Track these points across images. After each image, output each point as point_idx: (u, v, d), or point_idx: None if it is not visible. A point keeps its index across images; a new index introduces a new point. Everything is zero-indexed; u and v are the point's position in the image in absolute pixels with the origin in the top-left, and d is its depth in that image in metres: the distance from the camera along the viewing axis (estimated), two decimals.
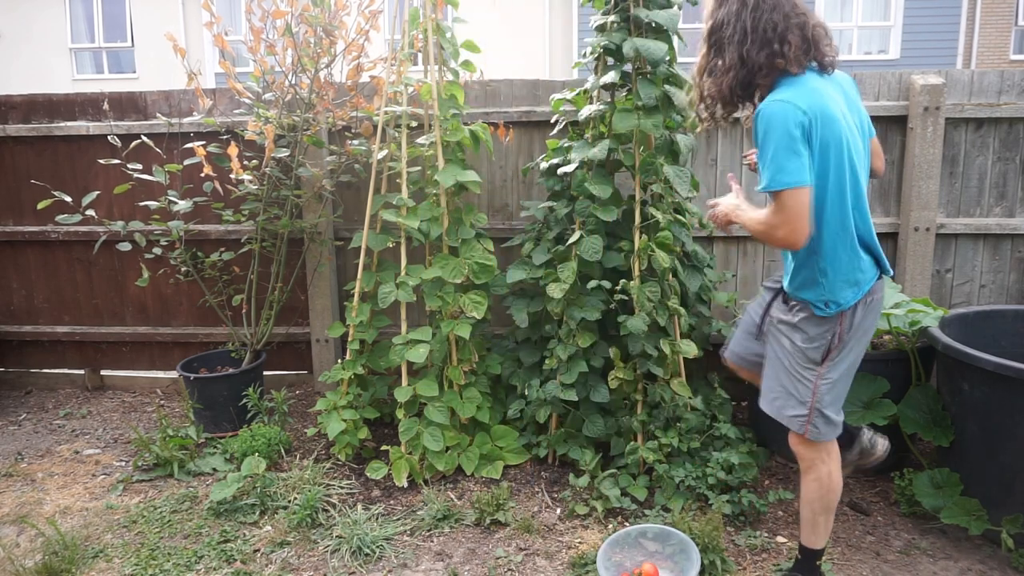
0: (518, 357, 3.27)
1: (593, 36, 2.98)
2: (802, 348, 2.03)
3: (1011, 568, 2.38)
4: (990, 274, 3.57)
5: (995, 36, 12.61)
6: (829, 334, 2.00)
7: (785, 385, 2.08)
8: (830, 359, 2.02)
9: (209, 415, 3.46)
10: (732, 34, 1.88)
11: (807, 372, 2.03)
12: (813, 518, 2.14)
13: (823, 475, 2.10)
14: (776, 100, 1.81)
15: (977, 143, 3.47)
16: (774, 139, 1.79)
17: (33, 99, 3.93)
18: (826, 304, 1.98)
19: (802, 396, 2.04)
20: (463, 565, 2.45)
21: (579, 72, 11.44)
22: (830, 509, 2.13)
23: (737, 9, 1.88)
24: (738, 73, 1.89)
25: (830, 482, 2.10)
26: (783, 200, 1.81)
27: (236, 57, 3.43)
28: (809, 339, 2.01)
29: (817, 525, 2.15)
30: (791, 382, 2.06)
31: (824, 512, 2.13)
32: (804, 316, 2.02)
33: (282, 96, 3.35)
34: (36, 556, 2.49)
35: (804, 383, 2.04)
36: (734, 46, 1.88)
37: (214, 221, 3.81)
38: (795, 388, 2.05)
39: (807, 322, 2.02)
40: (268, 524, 2.71)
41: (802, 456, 2.13)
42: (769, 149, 1.80)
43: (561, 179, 3.10)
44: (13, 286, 4.17)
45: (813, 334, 2.01)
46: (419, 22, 3.09)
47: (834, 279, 1.95)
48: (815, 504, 2.12)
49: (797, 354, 2.04)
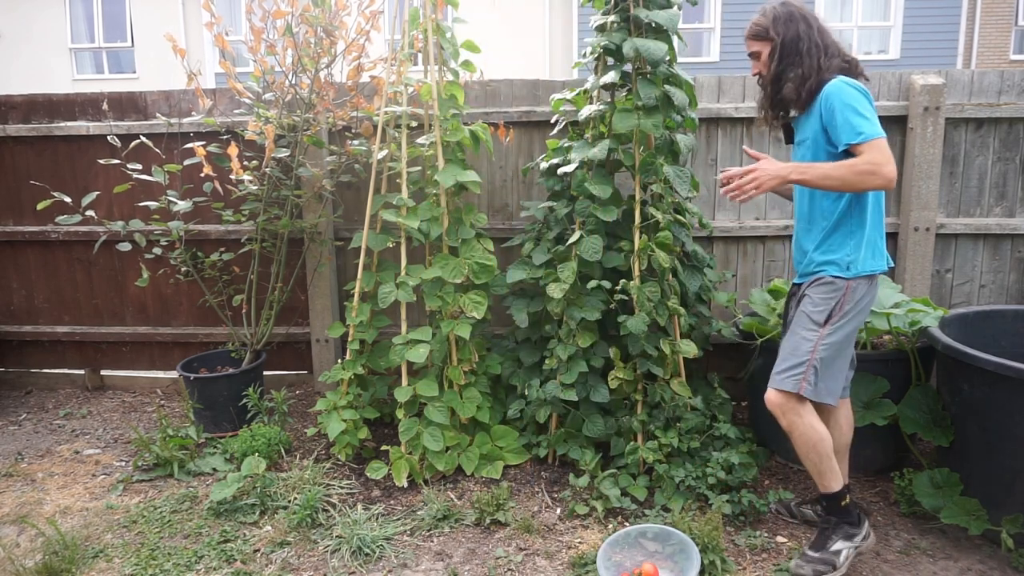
0: (518, 357, 3.27)
1: (593, 36, 2.98)
2: (807, 312, 2.27)
3: (1011, 568, 2.38)
4: (990, 274, 3.57)
5: (995, 36, 12.61)
6: (833, 300, 2.24)
7: (788, 350, 2.28)
8: (831, 323, 2.23)
9: (209, 415, 3.46)
10: (810, 48, 2.22)
11: (810, 333, 2.24)
12: (817, 467, 2.28)
13: (805, 428, 2.24)
14: (838, 82, 2.16)
15: (977, 143, 3.47)
16: (860, 104, 2.11)
17: (33, 99, 3.94)
18: (848, 266, 2.23)
19: (802, 354, 2.23)
20: (463, 565, 2.45)
21: (579, 72, 11.45)
22: (829, 455, 2.27)
23: (805, 29, 2.24)
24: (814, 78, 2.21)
25: (814, 432, 2.24)
26: (879, 145, 2.08)
27: (236, 57, 3.43)
28: (814, 303, 2.26)
29: (823, 472, 2.28)
30: (795, 344, 2.26)
31: (824, 459, 2.26)
32: (816, 283, 2.28)
33: (282, 96, 3.35)
34: (36, 556, 2.49)
35: (806, 341, 2.24)
36: (811, 57, 2.22)
37: (214, 221, 3.81)
38: (797, 347, 2.25)
39: (816, 288, 2.27)
40: (268, 524, 2.71)
41: (781, 416, 2.26)
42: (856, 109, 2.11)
43: (561, 179, 3.10)
44: (13, 286, 4.17)
45: (818, 298, 2.26)
46: (419, 22, 3.09)
47: (868, 235, 2.24)
48: (811, 455, 2.26)
49: (802, 318, 2.28)
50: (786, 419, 2.25)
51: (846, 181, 2.11)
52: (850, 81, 2.17)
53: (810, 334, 2.24)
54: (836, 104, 2.13)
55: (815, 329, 2.24)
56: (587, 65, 3.08)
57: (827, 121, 2.17)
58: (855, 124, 2.10)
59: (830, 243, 2.28)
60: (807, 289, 2.31)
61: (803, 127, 2.31)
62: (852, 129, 2.10)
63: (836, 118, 2.13)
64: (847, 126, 2.11)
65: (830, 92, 2.15)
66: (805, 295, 2.31)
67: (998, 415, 2.41)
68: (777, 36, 2.25)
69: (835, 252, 2.26)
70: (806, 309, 2.28)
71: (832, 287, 2.24)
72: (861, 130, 2.09)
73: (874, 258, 2.27)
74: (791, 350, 2.27)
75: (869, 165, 2.07)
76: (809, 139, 2.26)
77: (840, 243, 2.26)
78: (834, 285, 2.24)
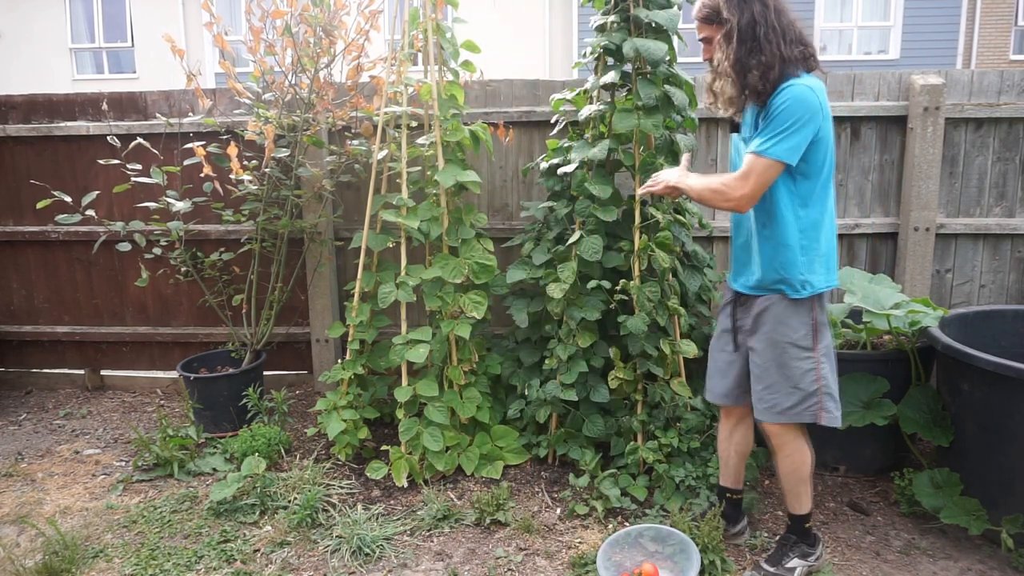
0: (518, 357, 3.27)
1: (593, 36, 2.98)
2: (792, 341, 2.13)
3: (1011, 568, 2.38)
4: (990, 274, 3.57)
5: (995, 36, 12.61)
6: (808, 318, 2.13)
7: (786, 384, 2.15)
8: (817, 342, 2.14)
9: (209, 415, 3.46)
10: (767, 32, 2.02)
11: (805, 362, 2.13)
12: (795, 489, 2.27)
13: (795, 450, 2.22)
14: (805, 85, 1.98)
15: (977, 143, 3.47)
16: (790, 116, 1.96)
17: (33, 99, 3.94)
18: (803, 285, 2.10)
19: (808, 386, 2.13)
20: (463, 565, 2.45)
21: (579, 72, 11.44)
22: (808, 479, 2.26)
23: (761, 10, 2.03)
24: (777, 67, 2.01)
25: (802, 455, 2.23)
26: (759, 168, 1.99)
27: (236, 57, 3.43)
28: (793, 328, 2.13)
29: (800, 495, 2.27)
30: (793, 377, 2.13)
31: (804, 481, 2.26)
32: (778, 309, 2.14)
33: (282, 96, 3.35)
34: (36, 556, 2.49)
35: (807, 372, 2.13)
36: (771, 44, 2.01)
37: (214, 221, 3.81)
38: (799, 381, 2.14)
39: (784, 312, 2.13)
40: (268, 524, 2.71)
41: (776, 435, 2.22)
42: (780, 121, 1.97)
43: (561, 179, 3.10)
44: (13, 286, 4.17)
45: (794, 323, 2.13)
46: (419, 22, 3.09)
47: (815, 255, 2.10)
48: (792, 476, 2.25)
49: (789, 348, 2.14)
50: (779, 439, 2.21)
51: (709, 198, 2.10)
52: (813, 87, 2.00)
53: (806, 362, 2.12)
54: (777, 110, 1.98)
55: (809, 355, 2.12)
56: (587, 65, 3.07)
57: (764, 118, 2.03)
58: (768, 136, 1.98)
59: (781, 263, 2.11)
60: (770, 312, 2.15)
61: (749, 122, 2.17)
62: (763, 138, 1.99)
63: (767, 122, 2.01)
64: (764, 133, 2.00)
65: (786, 95, 1.98)
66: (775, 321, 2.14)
67: (998, 415, 2.41)
68: (731, 18, 2.04)
69: (786, 273, 2.11)
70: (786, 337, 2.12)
71: (799, 306, 2.12)
72: (765, 145, 1.98)
73: (827, 272, 2.15)
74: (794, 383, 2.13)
75: (723, 187, 2.05)
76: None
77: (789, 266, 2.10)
78: (799, 305, 2.12)
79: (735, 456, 2.48)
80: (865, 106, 3.46)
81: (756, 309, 2.20)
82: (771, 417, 2.19)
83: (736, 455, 2.48)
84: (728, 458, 2.49)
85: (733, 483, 2.52)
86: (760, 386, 2.20)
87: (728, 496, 2.50)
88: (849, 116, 3.47)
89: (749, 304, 2.24)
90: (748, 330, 2.25)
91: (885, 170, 3.54)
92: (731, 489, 2.52)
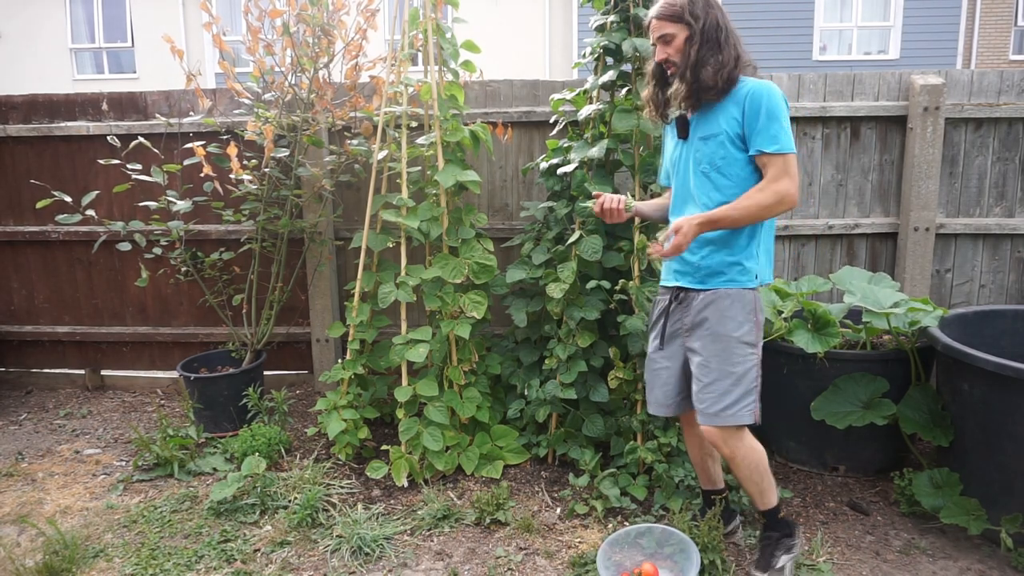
0: (518, 357, 3.27)
1: (593, 36, 2.98)
2: (736, 336, 2.14)
3: (1010, 568, 2.38)
4: (990, 274, 3.57)
5: (995, 36, 12.62)
6: (752, 314, 2.15)
7: (727, 380, 2.14)
8: (759, 338, 2.18)
9: (209, 415, 3.47)
10: (728, 36, 2.10)
11: (749, 359, 2.15)
12: (759, 486, 2.26)
13: (748, 450, 2.20)
14: (766, 84, 2.07)
15: (977, 143, 3.48)
16: (781, 112, 2.05)
17: (33, 99, 3.94)
18: (756, 276, 2.16)
19: (751, 383, 2.16)
20: (463, 565, 2.45)
21: (579, 72, 11.45)
22: (767, 469, 2.25)
23: (716, 12, 2.11)
24: (734, 68, 2.09)
25: (755, 452, 2.22)
26: (790, 162, 2.03)
27: (236, 57, 3.43)
28: (737, 323, 2.14)
29: (764, 490, 2.27)
30: (735, 373, 2.14)
31: (765, 475, 2.25)
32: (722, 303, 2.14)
33: (281, 96, 3.35)
34: (37, 556, 2.49)
35: (751, 371, 2.15)
36: (729, 46, 2.09)
37: (214, 221, 3.81)
38: (745, 378, 2.15)
39: (728, 307, 2.14)
40: (268, 524, 2.71)
41: (724, 442, 2.18)
42: (778, 119, 2.04)
43: (561, 179, 3.10)
44: (13, 286, 4.17)
45: (739, 318, 2.14)
46: (419, 22, 3.09)
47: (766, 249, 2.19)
48: (754, 476, 2.23)
49: (733, 342, 2.14)
50: (728, 447, 2.17)
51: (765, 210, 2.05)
52: (777, 88, 2.08)
53: (750, 359, 2.15)
54: (763, 108, 2.03)
55: (752, 352, 2.15)
56: (587, 65, 3.08)
57: (748, 121, 2.06)
58: (774, 133, 2.03)
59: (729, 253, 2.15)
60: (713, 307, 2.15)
61: (710, 122, 2.14)
62: (769, 136, 2.03)
63: (758, 122, 2.04)
64: (765, 132, 2.04)
65: (759, 93, 2.04)
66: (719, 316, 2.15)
67: (998, 415, 2.41)
68: (696, 21, 2.07)
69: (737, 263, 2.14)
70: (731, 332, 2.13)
71: (742, 300, 2.14)
72: (778, 140, 2.02)
73: (771, 265, 2.23)
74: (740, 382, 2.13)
75: (774, 195, 2.02)
76: (722, 135, 2.11)
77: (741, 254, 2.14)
78: (742, 297, 2.14)
79: (707, 459, 2.49)
80: (865, 106, 3.46)
81: (698, 305, 2.19)
82: (713, 420, 2.16)
83: (708, 457, 2.49)
84: (700, 462, 2.51)
85: (712, 484, 2.53)
86: (699, 385, 2.19)
87: (713, 498, 2.49)
88: (849, 116, 3.48)
89: (688, 301, 2.22)
90: (687, 329, 2.23)
91: (885, 170, 3.55)
92: (713, 491, 2.53)
